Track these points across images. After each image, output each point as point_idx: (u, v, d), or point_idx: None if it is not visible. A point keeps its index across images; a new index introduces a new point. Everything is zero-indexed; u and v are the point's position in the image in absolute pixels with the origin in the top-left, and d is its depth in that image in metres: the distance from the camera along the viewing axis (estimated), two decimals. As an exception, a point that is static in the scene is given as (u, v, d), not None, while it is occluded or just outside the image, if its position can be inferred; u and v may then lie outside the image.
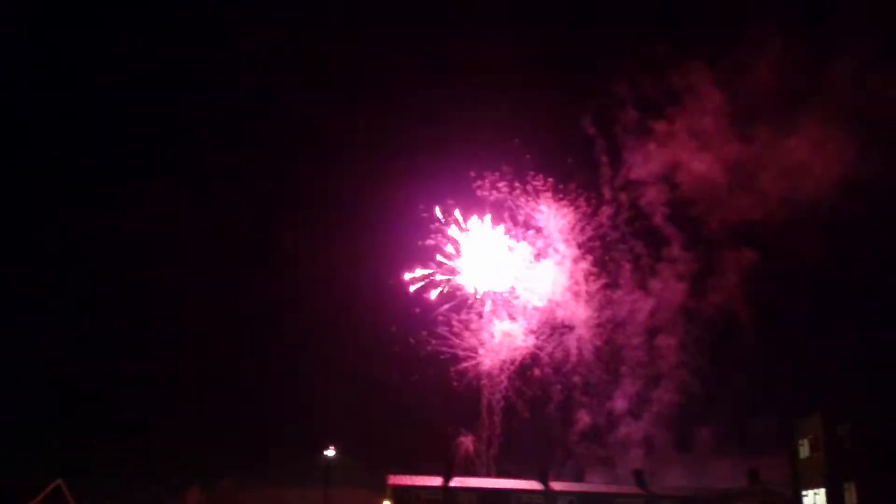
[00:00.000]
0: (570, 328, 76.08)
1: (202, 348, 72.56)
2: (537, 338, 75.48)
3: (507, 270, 76.69)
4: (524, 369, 74.78)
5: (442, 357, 74.00)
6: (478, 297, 75.80)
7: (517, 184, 75.93)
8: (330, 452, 62.37)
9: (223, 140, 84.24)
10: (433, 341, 73.83)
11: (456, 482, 61.02)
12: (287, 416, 70.83)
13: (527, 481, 62.76)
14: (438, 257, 75.08)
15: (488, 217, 75.71)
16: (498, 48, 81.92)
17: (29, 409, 65.33)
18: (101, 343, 72.86)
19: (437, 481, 61.08)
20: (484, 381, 74.37)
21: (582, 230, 77.02)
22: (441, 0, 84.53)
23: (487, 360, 74.95)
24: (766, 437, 62.53)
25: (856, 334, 68.25)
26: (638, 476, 62.85)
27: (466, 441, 73.68)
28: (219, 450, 66.92)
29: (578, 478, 69.21)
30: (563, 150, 77.60)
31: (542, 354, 75.13)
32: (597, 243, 76.81)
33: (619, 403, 74.81)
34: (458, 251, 75.71)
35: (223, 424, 69.24)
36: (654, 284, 76.35)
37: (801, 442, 52.17)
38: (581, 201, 76.59)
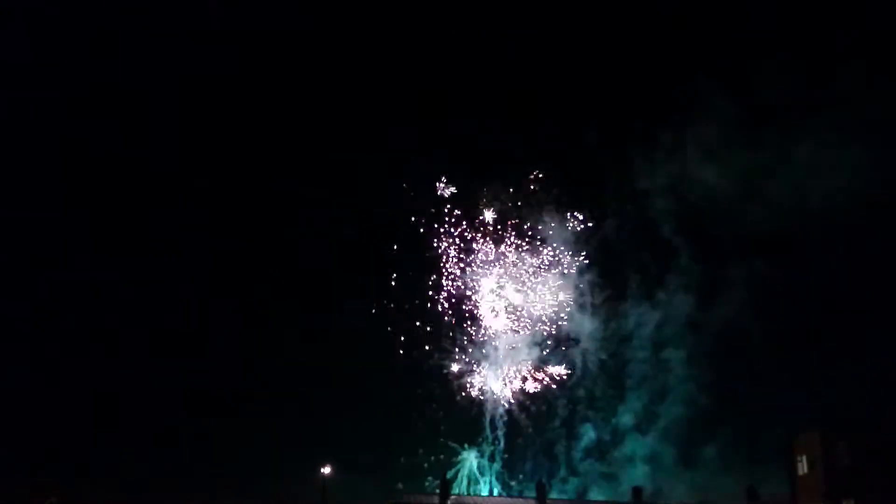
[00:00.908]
0: (576, 341, 75.25)
1: (197, 363, 72.68)
2: (542, 351, 74.71)
3: (511, 282, 75.98)
4: (528, 383, 73.97)
5: (445, 371, 73.58)
6: (481, 310, 75.22)
7: (521, 194, 75.61)
8: (327, 470, 62.15)
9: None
10: (436, 355, 73.51)
11: (452, 500, 60.38)
12: (284, 434, 70.52)
13: (524, 499, 61.96)
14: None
15: (491, 229, 75.31)
16: (501, 56, 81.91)
17: (24, 424, 65.87)
18: (98, 357, 73.56)
19: (436, 499, 60.44)
20: (487, 396, 73.71)
21: (587, 241, 76.24)
22: (446, 3, 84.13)
23: (491, 373, 74.30)
24: (770, 453, 61.08)
25: (858, 350, 66.26)
26: (636, 493, 61.42)
27: (470, 456, 72.99)
28: (216, 469, 67.06)
29: (582, 494, 68.09)
30: (568, 160, 76.97)
31: (546, 368, 74.28)
32: (603, 254, 76.03)
33: (625, 418, 73.75)
34: (461, 264, 75.29)
35: (220, 443, 69.41)
36: (661, 296, 75.28)
37: (799, 458, 50.88)
38: (587, 212, 75.98)
